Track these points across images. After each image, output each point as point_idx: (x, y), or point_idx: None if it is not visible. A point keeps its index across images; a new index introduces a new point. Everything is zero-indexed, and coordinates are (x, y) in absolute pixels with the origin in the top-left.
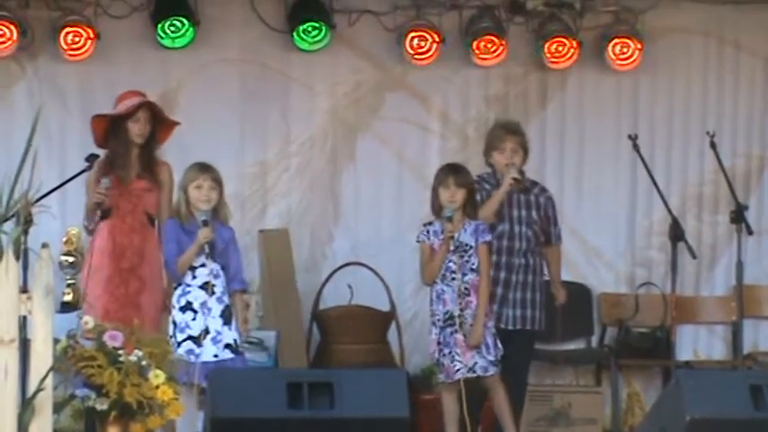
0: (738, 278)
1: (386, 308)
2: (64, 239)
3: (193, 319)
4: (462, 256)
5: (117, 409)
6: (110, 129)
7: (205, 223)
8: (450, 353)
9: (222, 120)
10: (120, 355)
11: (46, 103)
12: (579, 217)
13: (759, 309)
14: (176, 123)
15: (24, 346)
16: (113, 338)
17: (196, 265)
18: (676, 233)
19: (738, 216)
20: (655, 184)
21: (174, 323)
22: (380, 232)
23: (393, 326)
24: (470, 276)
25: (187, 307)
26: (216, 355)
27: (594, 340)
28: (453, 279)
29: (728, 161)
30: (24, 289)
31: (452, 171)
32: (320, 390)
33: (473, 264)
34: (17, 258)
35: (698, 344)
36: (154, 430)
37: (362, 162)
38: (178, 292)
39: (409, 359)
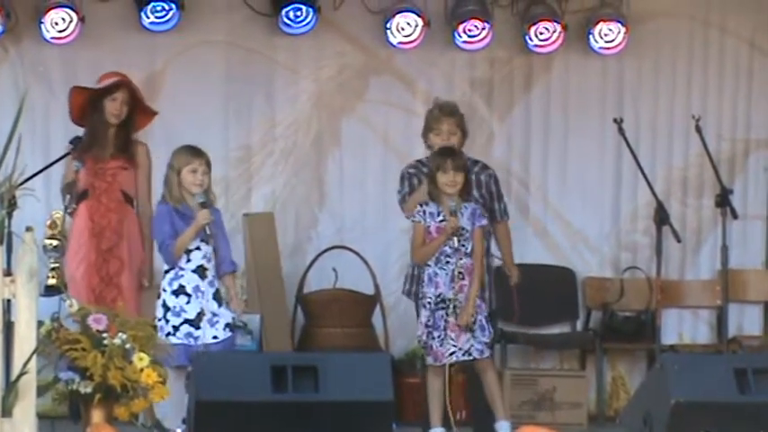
0: (723, 262)
1: (370, 291)
2: (48, 223)
3: (188, 302)
4: (458, 240)
5: (101, 392)
6: (88, 106)
7: (204, 205)
8: (440, 336)
9: (207, 103)
10: (104, 338)
11: (30, 86)
12: (564, 201)
13: (744, 293)
14: (154, 113)
15: (8, 329)
16: (97, 322)
17: (191, 248)
18: (661, 217)
19: (723, 200)
20: (640, 167)
21: (168, 307)
22: (365, 216)
23: (377, 309)
24: (465, 260)
25: (180, 291)
26: (215, 337)
27: (579, 324)
28: (448, 263)
29: (713, 145)
30: (8, 272)
31: (449, 155)
32: (304, 373)
33: (468, 248)
34: (1, 242)
35: (683, 328)
36: (138, 413)
37: (347, 146)
38: (170, 275)
39: (393, 342)
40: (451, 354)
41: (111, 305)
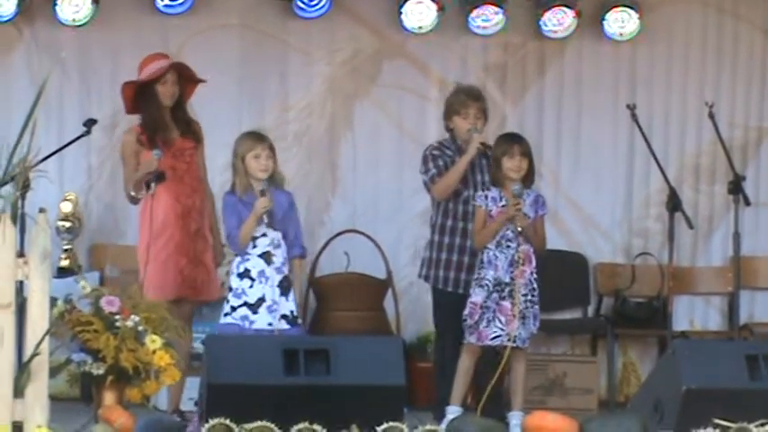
0: (735, 249)
1: (382, 275)
2: (61, 204)
3: (251, 286)
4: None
5: (113, 373)
6: (139, 94)
7: (262, 193)
8: (488, 318)
9: (220, 86)
10: (116, 320)
11: (44, 68)
12: (576, 187)
13: (755, 280)
14: (202, 81)
15: (21, 310)
16: (110, 303)
17: (257, 234)
18: (673, 203)
19: (736, 187)
20: (652, 153)
21: (230, 288)
22: (378, 200)
23: (389, 293)
24: (525, 246)
25: (245, 274)
26: (270, 324)
27: (591, 310)
28: (508, 247)
29: (726, 132)
30: (21, 253)
31: (516, 140)
32: (316, 356)
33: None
34: (14, 223)
35: (694, 314)
36: (151, 395)
37: (360, 130)
38: (238, 259)
39: (405, 326)
40: (496, 337)
41: (201, 285)
